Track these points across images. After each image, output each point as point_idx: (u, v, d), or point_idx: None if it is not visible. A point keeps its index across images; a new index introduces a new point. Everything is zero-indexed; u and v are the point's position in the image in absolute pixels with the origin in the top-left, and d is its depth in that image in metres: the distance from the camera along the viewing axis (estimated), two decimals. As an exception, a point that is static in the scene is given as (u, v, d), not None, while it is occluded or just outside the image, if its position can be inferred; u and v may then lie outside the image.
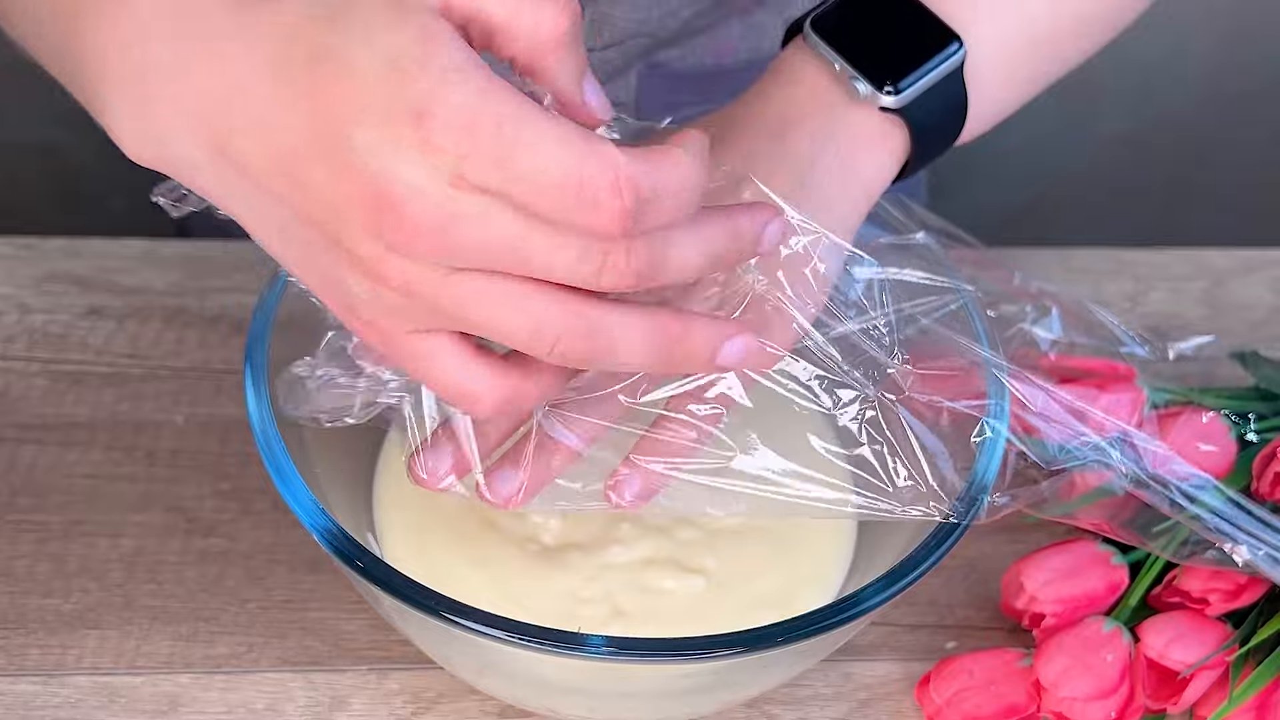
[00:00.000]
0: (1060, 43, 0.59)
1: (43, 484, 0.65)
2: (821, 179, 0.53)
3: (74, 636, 0.60)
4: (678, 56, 0.76)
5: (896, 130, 0.54)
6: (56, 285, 0.73)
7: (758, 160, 0.53)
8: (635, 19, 0.72)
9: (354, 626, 0.61)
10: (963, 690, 0.59)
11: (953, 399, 0.54)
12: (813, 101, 0.54)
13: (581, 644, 0.48)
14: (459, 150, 0.39)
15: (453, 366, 0.44)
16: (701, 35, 0.76)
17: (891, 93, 0.53)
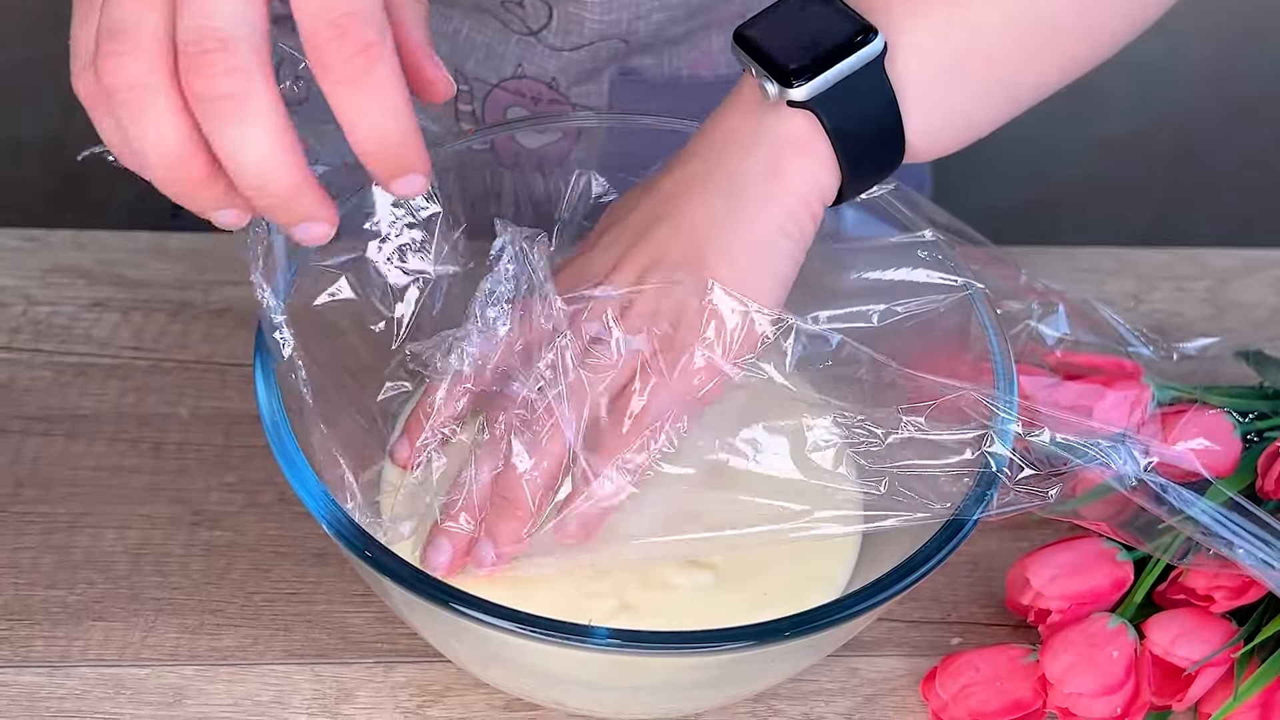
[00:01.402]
0: (1030, 54, 0.56)
1: (48, 476, 0.65)
2: (750, 190, 0.53)
3: (79, 628, 0.60)
4: (653, 65, 0.76)
5: (817, 136, 0.53)
6: (62, 277, 0.73)
7: (695, 182, 0.55)
8: (605, 20, 0.71)
9: (360, 619, 0.61)
10: (968, 686, 0.59)
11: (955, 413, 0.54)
12: (743, 114, 0.54)
13: (588, 636, 0.48)
14: None
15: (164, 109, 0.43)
16: (679, 45, 0.75)
17: (799, 85, 0.52)
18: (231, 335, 0.72)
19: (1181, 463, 0.57)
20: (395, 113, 0.44)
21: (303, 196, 0.45)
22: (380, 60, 0.43)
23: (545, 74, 0.74)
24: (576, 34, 0.72)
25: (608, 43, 0.73)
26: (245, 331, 0.72)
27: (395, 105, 0.44)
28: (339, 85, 0.43)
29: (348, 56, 0.43)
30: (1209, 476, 0.57)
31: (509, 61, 0.74)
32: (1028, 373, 0.67)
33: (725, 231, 0.54)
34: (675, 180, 0.56)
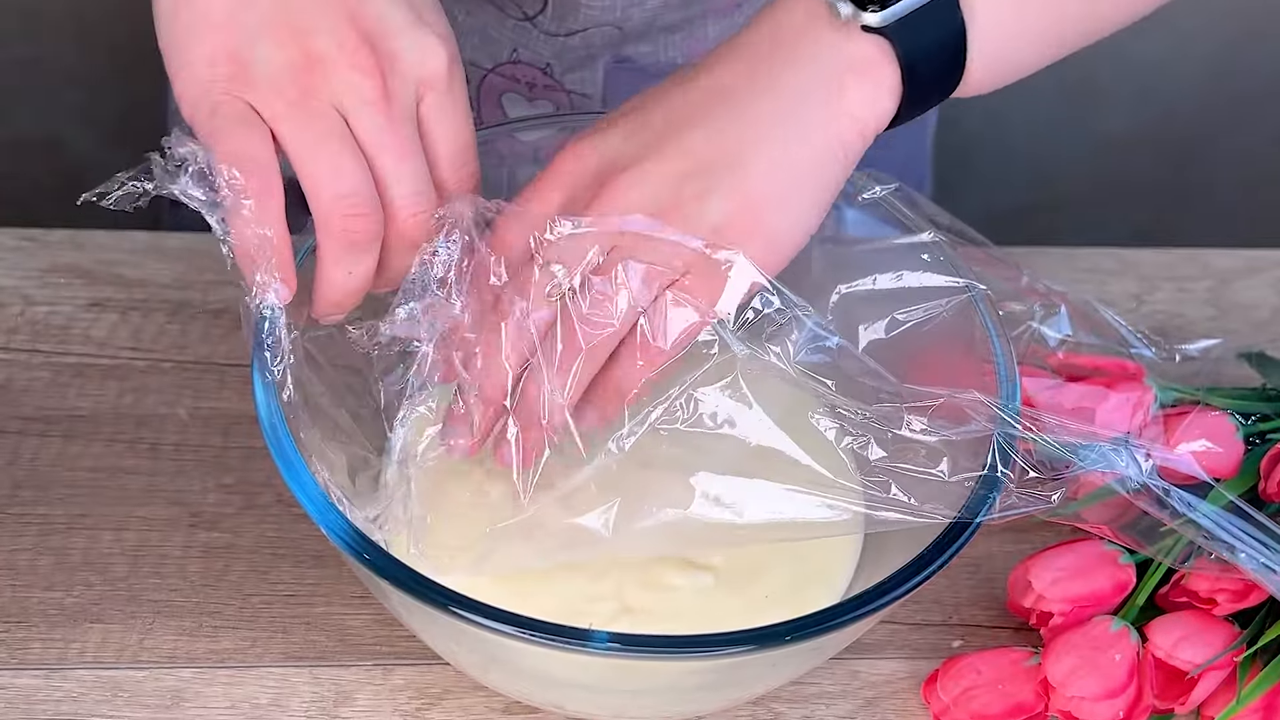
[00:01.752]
0: (1095, 3, 0.56)
1: (45, 477, 0.65)
2: (805, 108, 0.52)
3: (76, 630, 0.60)
4: (648, 53, 0.75)
5: (885, 62, 0.52)
6: (59, 277, 0.73)
7: (740, 88, 0.52)
8: (599, 6, 0.71)
9: (359, 621, 0.61)
10: (970, 689, 0.59)
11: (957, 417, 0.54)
12: (799, 29, 0.52)
13: (588, 640, 0.48)
14: (444, 85, 0.52)
15: (260, 139, 0.50)
16: (675, 33, 0.75)
17: (875, 9, 0.51)
18: (229, 336, 0.71)
19: (1182, 466, 0.57)
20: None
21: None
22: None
23: (540, 59, 0.74)
24: (572, 19, 0.72)
25: (602, 29, 0.72)
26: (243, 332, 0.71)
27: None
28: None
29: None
30: (1210, 480, 0.57)
31: (504, 46, 0.74)
32: (1030, 374, 0.66)
33: (773, 142, 0.52)
34: (715, 81, 0.53)
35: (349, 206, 0.50)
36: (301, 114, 0.50)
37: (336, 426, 0.58)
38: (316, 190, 0.50)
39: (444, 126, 0.53)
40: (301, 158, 0.50)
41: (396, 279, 0.54)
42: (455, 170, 0.54)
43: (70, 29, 1.40)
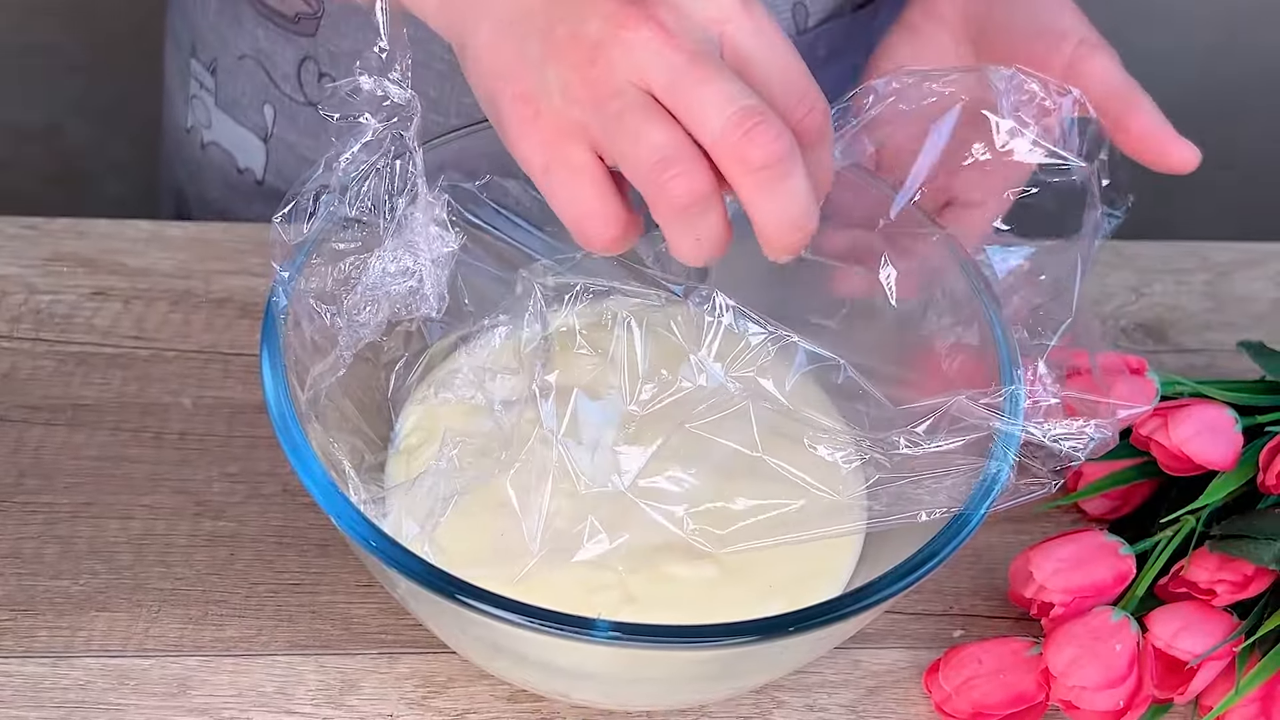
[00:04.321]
0: None
1: (50, 466, 0.65)
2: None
3: (83, 619, 0.60)
4: None
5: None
6: (62, 266, 0.73)
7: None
8: None
9: (364, 610, 0.61)
10: (971, 679, 0.59)
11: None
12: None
13: (591, 629, 0.48)
14: (740, 13, 0.47)
15: (591, 184, 0.48)
16: None
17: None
18: (233, 325, 0.71)
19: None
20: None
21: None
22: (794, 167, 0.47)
23: None
24: None
25: None
26: (247, 320, 0.72)
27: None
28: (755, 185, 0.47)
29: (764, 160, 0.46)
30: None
31: None
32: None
33: None
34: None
35: (660, 169, 0.46)
36: (596, 107, 0.47)
37: (343, 416, 0.58)
38: (630, 170, 0.47)
39: (762, 53, 0.47)
40: (609, 148, 0.47)
41: (781, 234, 0.47)
42: (793, 101, 0.48)
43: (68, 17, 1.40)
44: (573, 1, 0.47)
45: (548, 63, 0.47)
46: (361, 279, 0.54)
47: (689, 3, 0.47)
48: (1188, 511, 0.63)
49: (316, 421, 0.55)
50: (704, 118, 0.46)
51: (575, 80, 0.47)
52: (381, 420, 0.61)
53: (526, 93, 0.48)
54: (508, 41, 0.48)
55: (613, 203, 0.48)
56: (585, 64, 0.47)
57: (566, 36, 0.47)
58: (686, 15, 0.47)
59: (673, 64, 0.46)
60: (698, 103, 0.46)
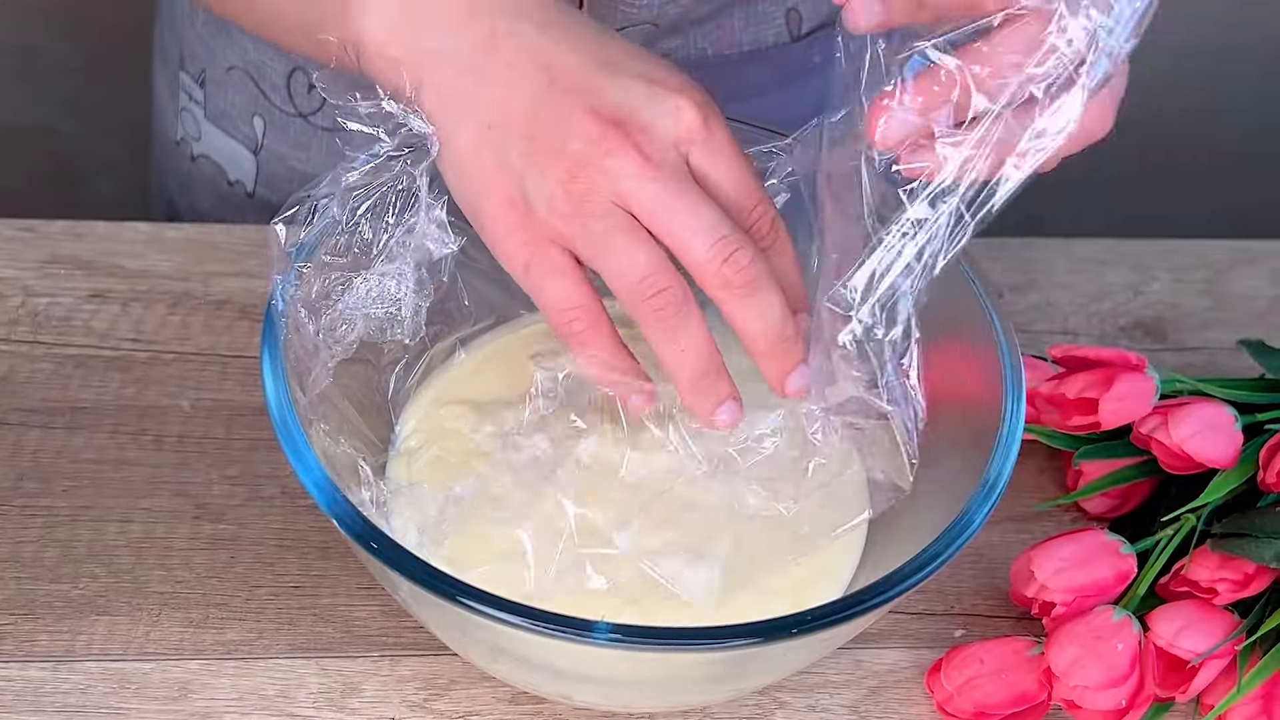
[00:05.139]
0: None
1: (49, 469, 0.65)
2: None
3: (83, 622, 0.60)
4: (679, 46, 0.76)
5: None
6: (60, 268, 0.73)
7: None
8: (638, 5, 0.72)
9: (365, 613, 0.61)
10: (973, 678, 0.59)
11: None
12: None
13: (592, 632, 0.48)
14: (703, 135, 0.51)
15: (573, 283, 0.52)
16: (703, 25, 0.75)
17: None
18: (232, 327, 0.71)
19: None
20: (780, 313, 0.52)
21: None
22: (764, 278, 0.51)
23: None
24: (611, 19, 0.72)
25: (639, 28, 0.72)
26: (246, 323, 0.71)
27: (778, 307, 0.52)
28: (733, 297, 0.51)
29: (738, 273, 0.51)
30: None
31: None
32: (1030, 365, 0.67)
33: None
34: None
35: (648, 287, 0.51)
36: (581, 223, 0.51)
37: (343, 418, 0.58)
38: (617, 287, 0.51)
39: (719, 169, 0.52)
40: (596, 263, 0.51)
41: (766, 343, 0.52)
42: (746, 210, 0.53)
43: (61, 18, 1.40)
44: (554, 116, 0.51)
45: (529, 173, 0.51)
46: (343, 297, 0.55)
47: (659, 124, 0.51)
48: (1188, 510, 0.63)
49: (317, 424, 0.55)
50: (689, 244, 0.51)
51: (559, 194, 0.51)
52: (382, 422, 0.61)
53: (512, 198, 0.51)
54: (488, 147, 0.51)
55: (591, 297, 0.52)
56: (568, 179, 0.50)
57: (547, 151, 0.51)
58: (659, 137, 0.51)
59: (653, 191, 0.50)
60: (682, 230, 0.50)
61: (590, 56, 0.52)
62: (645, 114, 0.51)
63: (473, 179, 0.52)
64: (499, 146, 0.51)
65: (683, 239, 0.50)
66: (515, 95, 0.51)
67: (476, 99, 0.51)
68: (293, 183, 0.81)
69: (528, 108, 0.51)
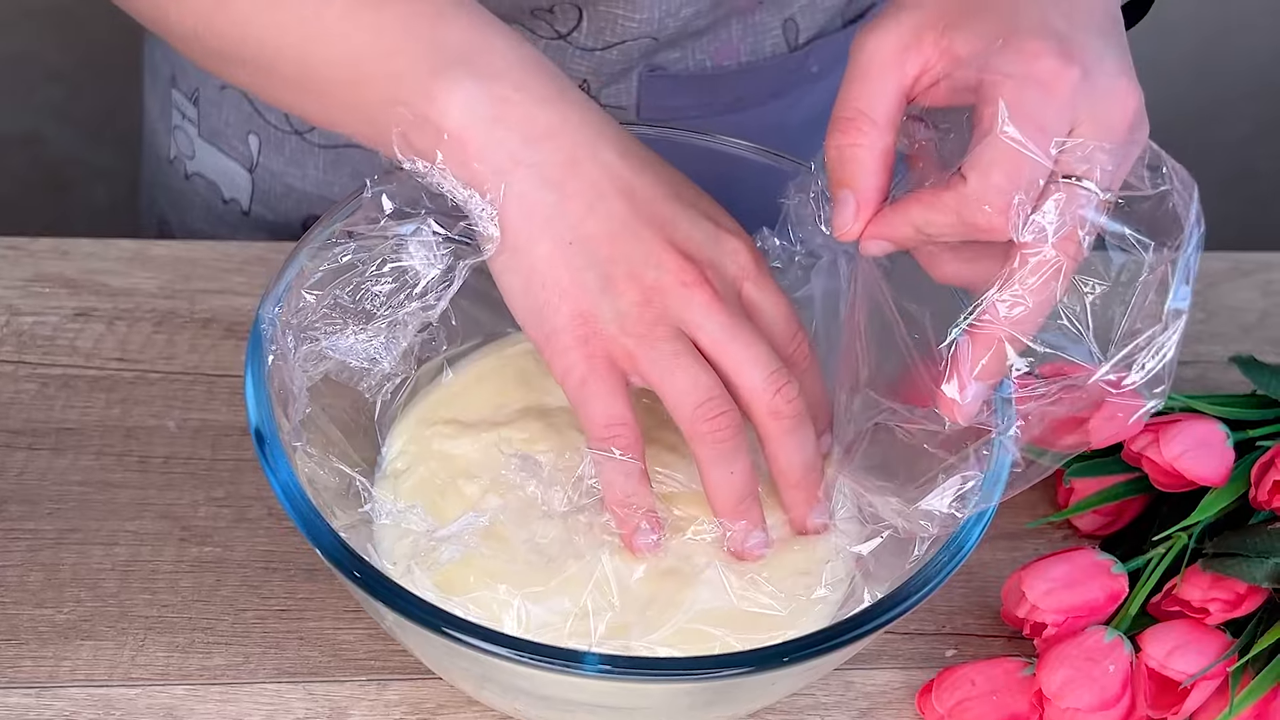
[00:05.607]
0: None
1: (34, 491, 0.64)
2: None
3: (67, 647, 0.59)
4: (677, 59, 0.76)
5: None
6: (44, 287, 0.72)
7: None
8: (637, 19, 0.71)
9: (352, 636, 0.61)
10: (965, 700, 0.59)
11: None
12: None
13: (580, 662, 0.48)
14: (755, 274, 0.56)
15: (623, 402, 0.54)
16: (702, 37, 0.75)
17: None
18: (217, 345, 0.71)
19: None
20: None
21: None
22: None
23: (576, 77, 0.74)
24: (610, 33, 0.72)
25: (639, 42, 0.72)
26: (231, 341, 0.71)
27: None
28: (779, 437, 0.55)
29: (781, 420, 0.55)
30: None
31: None
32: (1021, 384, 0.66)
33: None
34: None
35: (710, 409, 0.53)
36: (651, 344, 0.53)
37: (329, 440, 0.57)
38: (679, 406, 0.54)
39: (768, 305, 0.56)
40: (660, 382, 0.54)
41: (800, 473, 0.56)
42: (789, 342, 0.57)
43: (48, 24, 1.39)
44: (632, 241, 0.53)
45: (605, 293, 0.53)
46: (329, 338, 0.55)
47: (723, 262, 0.55)
48: (1180, 529, 0.62)
49: (301, 447, 0.55)
50: (747, 375, 0.54)
51: (633, 315, 0.53)
52: (369, 443, 0.61)
53: (586, 313, 0.53)
54: (567, 262, 0.53)
55: (637, 420, 0.55)
56: (643, 302, 0.53)
57: (625, 275, 0.53)
58: (723, 273, 0.55)
59: (721, 323, 0.54)
60: (744, 362, 0.54)
61: (665, 187, 0.55)
62: (711, 251, 0.55)
63: (546, 290, 0.53)
64: (578, 263, 0.53)
65: (743, 369, 0.54)
66: (598, 216, 0.53)
67: (560, 214, 0.53)
68: (289, 200, 0.80)
69: (609, 230, 0.53)
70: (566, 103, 0.54)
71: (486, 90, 0.52)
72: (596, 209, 0.53)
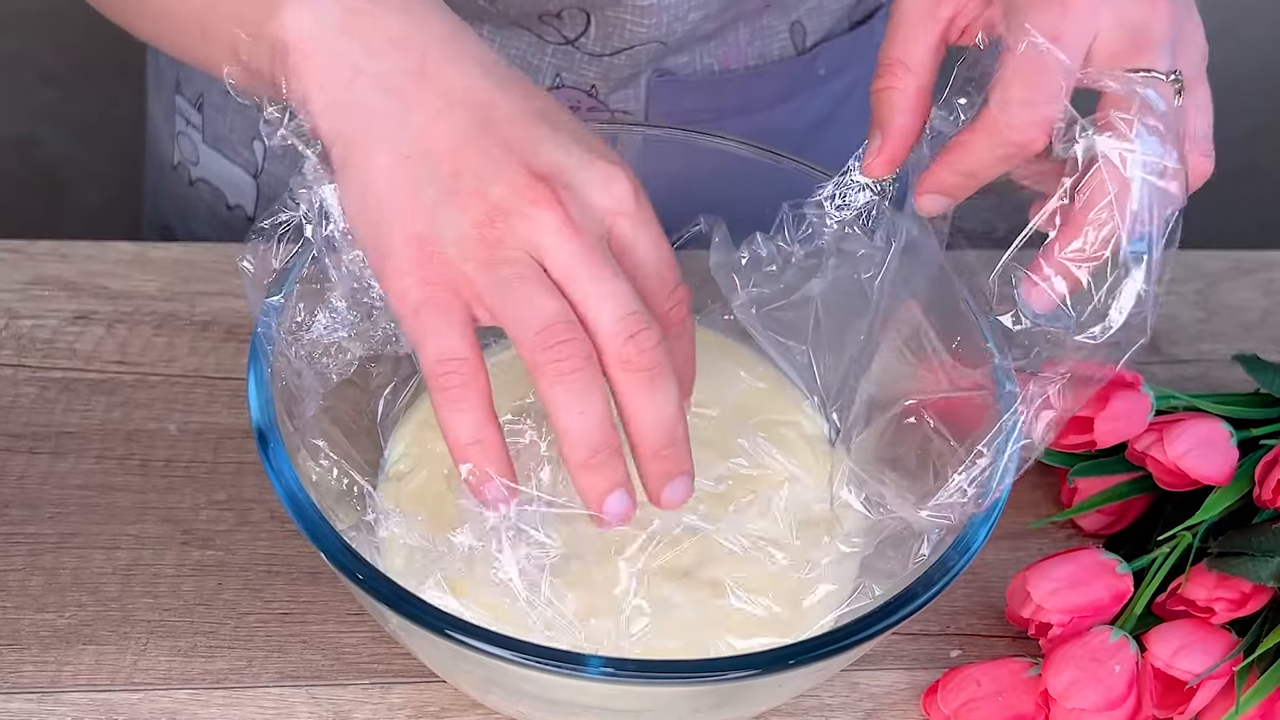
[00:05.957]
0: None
1: (34, 495, 0.64)
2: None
3: (69, 652, 0.59)
4: (685, 63, 0.75)
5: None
6: (44, 289, 0.72)
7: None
8: (645, 24, 0.71)
9: (355, 639, 0.61)
10: (970, 701, 0.58)
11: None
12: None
13: (584, 665, 0.48)
14: (632, 208, 0.49)
15: (460, 336, 0.48)
16: (710, 41, 0.75)
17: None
18: (218, 348, 0.70)
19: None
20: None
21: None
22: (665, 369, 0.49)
23: (585, 82, 0.74)
24: (618, 38, 0.72)
25: (647, 46, 0.72)
26: (233, 343, 0.71)
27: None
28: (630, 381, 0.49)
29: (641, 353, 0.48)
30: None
31: (546, 73, 0.74)
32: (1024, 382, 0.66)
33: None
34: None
35: (551, 336, 0.47)
36: (491, 267, 0.48)
37: (331, 442, 0.57)
38: (518, 335, 0.48)
39: (644, 247, 0.50)
40: (497, 309, 0.48)
41: (658, 439, 0.49)
42: (663, 295, 0.51)
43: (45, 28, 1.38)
44: (480, 157, 0.48)
45: (444, 210, 0.48)
46: (326, 339, 0.54)
47: (591, 190, 0.49)
48: (1184, 528, 0.62)
49: (304, 450, 0.54)
50: (597, 313, 0.48)
51: (473, 236, 0.48)
52: (371, 445, 0.61)
53: (420, 234, 0.48)
54: (405, 176, 0.48)
55: (476, 355, 0.48)
56: (485, 223, 0.48)
57: (469, 191, 0.48)
58: (587, 201, 0.49)
59: (571, 251, 0.48)
60: (594, 297, 0.48)
61: (532, 108, 0.50)
62: (578, 176, 0.49)
63: (380, 207, 0.49)
64: (416, 178, 0.48)
65: (593, 305, 0.48)
66: (444, 127, 0.48)
67: (401, 124, 0.48)
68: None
69: (455, 143, 0.48)
70: (432, 14, 0.50)
71: (339, 2, 0.49)
72: (443, 119, 0.48)
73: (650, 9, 0.70)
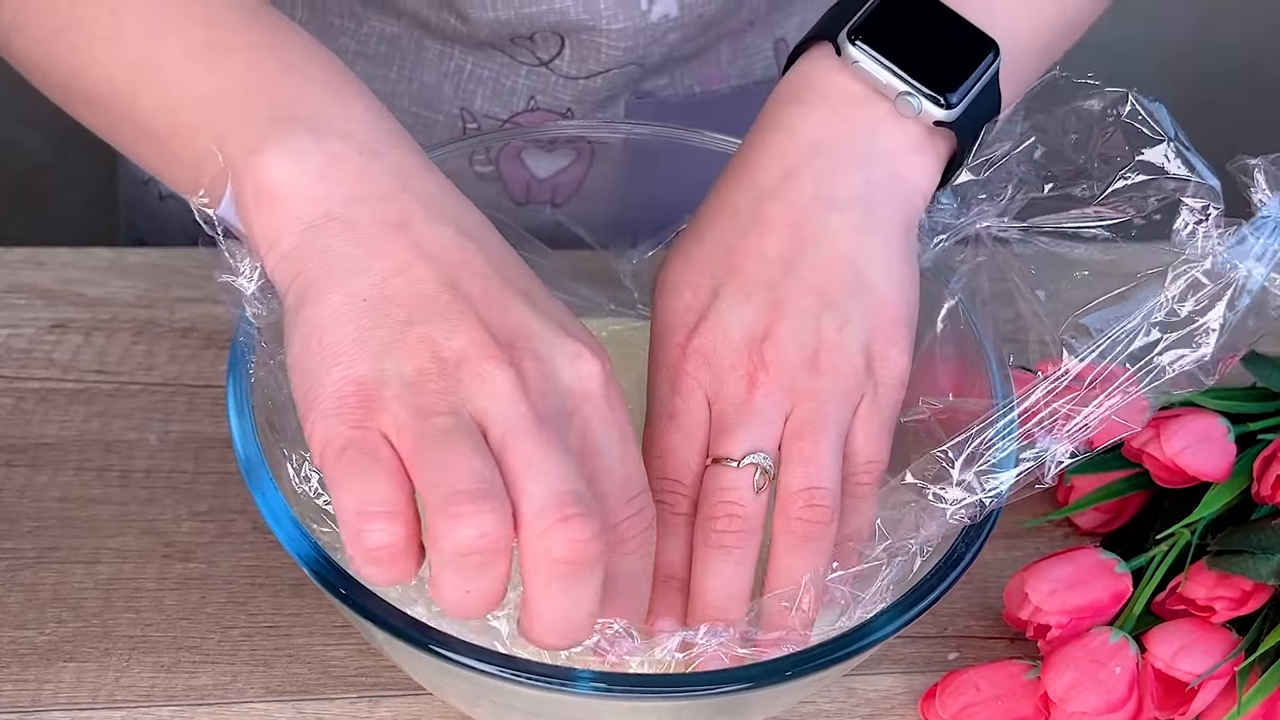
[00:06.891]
0: (1060, 44, 0.58)
1: (12, 509, 0.63)
2: (883, 203, 0.52)
3: (50, 670, 0.58)
4: (666, 84, 0.74)
5: (940, 138, 0.53)
6: (19, 298, 0.71)
7: (819, 208, 0.51)
8: (622, 46, 0.70)
9: (342, 652, 0.59)
10: (970, 705, 0.58)
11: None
12: (845, 122, 0.52)
13: (573, 680, 0.47)
14: (601, 394, 0.45)
15: (388, 478, 0.42)
16: (690, 62, 0.74)
17: (946, 105, 0.52)
18: (198, 355, 0.69)
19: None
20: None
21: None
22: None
23: (560, 104, 0.72)
24: (594, 61, 0.70)
25: (624, 69, 0.71)
26: (212, 351, 0.69)
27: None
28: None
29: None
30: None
31: (520, 95, 0.72)
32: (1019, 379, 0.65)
33: (873, 247, 0.52)
34: (788, 209, 0.52)
35: (464, 499, 0.41)
36: (425, 417, 0.43)
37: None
38: (433, 489, 0.42)
39: (609, 439, 0.45)
40: (415, 460, 0.42)
41: (559, 623, 0.44)
42: (621, 500, 0.45)
43: (20, 28, 1.37)
44: (441, 310, 0.44)
45: (390, 354, 0.44)
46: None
47: (558, 363, 0.45)
48: (1183, 525, 0.61)
49: (286, 463, 0.53)
50: (529, 485, 0.42)
51: (415, 381, 0.43)
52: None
53: (359, 378, 0.43)
54: (356, 318, 0.44)
55: (405, 507, 0.42)
56: (433, 373, 0.43)
57: (419, 340, 0.44)
58: (551, 375, 0.45)
59: (516, 416, 0.43)
60: (529, 467, 0.42)
61: (508, 280, 0.46)
62: (546, 346, 0.45)
63: (323, 347, 0.44)
64: (365, 322, 0.44)
65: (526, 475, 0.42)
66: (406, 278, 0.45)
67: (363, 269, 0.45)
68: None
69: (416, 295, 0.44)
70: (416, 171, 0.47)
71: (321, 146, 0.46)
72: (407, 271, 0.45)
73: (626, 32, 0.69)
